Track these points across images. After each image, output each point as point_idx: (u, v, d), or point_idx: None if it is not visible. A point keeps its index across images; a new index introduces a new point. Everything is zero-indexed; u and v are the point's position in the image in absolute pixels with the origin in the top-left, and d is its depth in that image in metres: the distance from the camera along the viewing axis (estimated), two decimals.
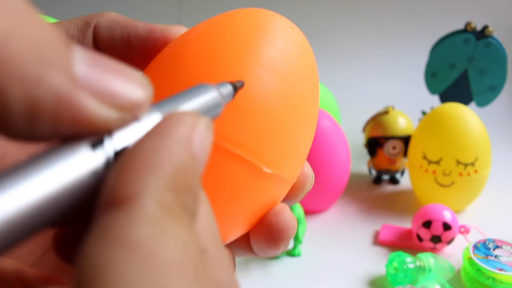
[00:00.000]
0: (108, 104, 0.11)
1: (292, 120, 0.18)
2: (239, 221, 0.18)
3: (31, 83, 0.10)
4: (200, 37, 0.18)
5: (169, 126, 0.12)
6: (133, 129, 0.12)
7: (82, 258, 0.10)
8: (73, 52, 0.11)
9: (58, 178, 0.10)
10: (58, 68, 0.10)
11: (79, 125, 0.11)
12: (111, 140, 0.11)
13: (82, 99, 0.11)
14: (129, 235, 0.10)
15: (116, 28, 0.20)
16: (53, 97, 0.10)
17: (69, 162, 0.11)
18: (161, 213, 0.10)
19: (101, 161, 0.11)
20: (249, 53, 0.17)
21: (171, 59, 0.18)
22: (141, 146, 0.11)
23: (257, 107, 0.17)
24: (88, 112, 0.11)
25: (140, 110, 0.12)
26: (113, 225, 0.10)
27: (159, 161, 0.11)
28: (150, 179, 0.10)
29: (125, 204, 0.10)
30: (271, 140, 0.17)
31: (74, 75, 0.10)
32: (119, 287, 0.09)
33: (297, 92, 0.18)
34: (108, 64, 0.11)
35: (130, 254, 0.09)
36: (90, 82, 0.11)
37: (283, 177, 0.18)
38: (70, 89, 0.10)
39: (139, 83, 0.12)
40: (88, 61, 0.11)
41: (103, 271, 0.09)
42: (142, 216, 0.10)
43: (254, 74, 0.17)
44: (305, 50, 0.19)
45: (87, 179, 0.11)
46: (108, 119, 0.11)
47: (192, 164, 0.11)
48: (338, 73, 1.03)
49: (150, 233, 0.10)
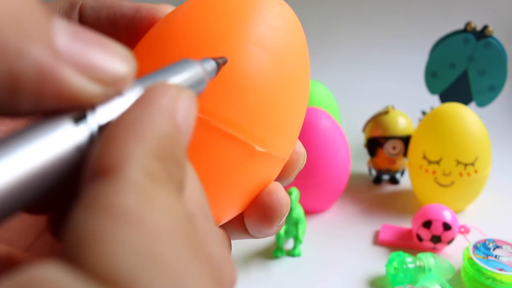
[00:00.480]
0: (91, 78, 0.11)
1: (284, 97, 0.18)
2: (232, 201, 0.18)
3: (11, 56, 0.09)
4: (187, 15, 0.18)
5: (153, 96, 0.11)
6: (117, 103, 0.12)
7: (70, 229, 0.09)
8: (54, 24, 0.10)
9: (41, 153, 0.10)
10: (39, 40, 0.10)
11: (61, 100, 0.10)
12: (94, 115, 0.11)
13: (65, 72, 0.10)
14: (116, 202, 0.10)
15: (102, 8, 0.20)
16: (35, 70, 0.10)
17: (51, 137, 0.10)
18: (147, 180, 0.10)
19: (85, 136, 0.11)
20: (238, 30, 0.17)
21: (159, 38, 0.18)
22: (125, 116, 0.11)
23: (248, 84, 0.17)
24: (71, 86, 0.10)
25: (123, 84, 0.11)
26: (100, 194, 0.10)
27: (142, 129, 0.11)
28: (135, 147, 0.10)
29: (110, 173, 0.10)
30: (262, 118, 0.17)
31: (55, 47, 0.10)
32: (108, 253, 0.09)
33: (287, 68, 0.18)
34: (90, 37, 0.11)
35: (118, 221, 0.09)
36: (73, 55, 0.10)
37: (276, 156, 0.18)
38: (52, 62, 0.10)
39: (122, 57, 0.11)
40: (70, 33, 0.11)
41: (92, 239, 0.09)
42: (128, 184, 0.10)
43: (244, 51, 0.17)
44: (294, 26, 0.19)
45: (70, 154, 0.11)
46: (91, 94, 0.11)
47: (176, 134, 0.11)
48: (338, 73, 1.03)
49: (137, 200, 0.10)
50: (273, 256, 0.52)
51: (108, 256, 0.09)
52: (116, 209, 0.09)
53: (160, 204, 0.10)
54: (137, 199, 0.10)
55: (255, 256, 0.53)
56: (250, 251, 0.53)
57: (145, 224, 0.09)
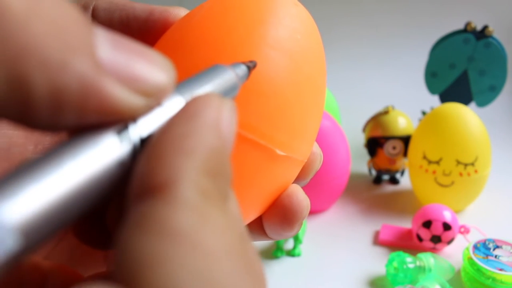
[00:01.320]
0: (134, 90, 0.10)
1: (302, 100, 0.17)
2: (253, 204, 0.18)
3: (55, 70, 0.09)
4: (203, 20, 0.17)
5: (196, 109, 0.11)
6: (157, 114, 0.11)
7: (122, 249, 0.09)
8: (96, 35, 0.10)
9: (84, 169, 0.10)
10: (82, 52, 0.10)
11: (104, 113, 0.10)
12: (136, 128, 0.11)
13: (108, 85, 0.10)
14: (171, 223, 0.09)
15: (115, 10, 0.19)
16: (79, 85, 0.09)
17: (95, 152, 0.10)
18: (201, 199, 0.10)
19: (128, 150, 0.11)
20: (256, 34, 0.17)
21: (176, 44, 0.17)
22: (171, 131, 0.11)
23: (267, 88, 0.16)
24: (114, 99, 0.10)
25: (164, 95, 0.11)
26: (152, 213, 0.09)
27: (191, 145, 0.10)
28: (186, 164, 0.10)
29: (162, 191, 0.10)
30: (282, 122, 0.17)
31: (98, 59, 0.10)
32: (168, 277, 0.09)
33: (305, 70, 0.18)
34: (131, 47, 0.11)
35: (175, 243, 0.09)
36: (115, 67, 0.10)
37: (295, 159, 0.18)
38: (95, 75, 0.10)
39: (162, 66, 0.11)
40: (111, 44, 0.10)
41: (148, 261, 0.09)
42: (182, 203, 0.09)
43: (263, 55, 0.16)
44: (311, 27, 0.18)
45: (114, 169, 0.10)
46: (134, 106, 0.10)
47: (223, 147, 0.11)
48: (338, 73, 1.03)
49: (192, 220, 0.09)
50: (273, 256, 0.52)
51: (166, 279, 0.09)
52: (172, 230, 0.09)
53: (215, 224, 0.10)
54: (193, 219, 0.09)
55: None
56: None
57: (203, 247, 0.09)
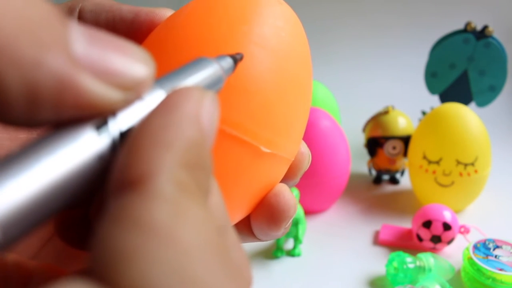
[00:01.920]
0: (111, 84, 0.10)
1: (287, 97, 0.17)
2: (239, 203, 0.18)
3: (29, 67, 0.09)
4: (188, 18, 0.18)
5: (176, 102, 0.11)
6: (137, 108, 0.11)
7: (99, 244, 0.09)
8: (70, 30, 0.10)
9: (62, 163, 0.10)
10: (56, 48, 0.10)
11: (81, 108, 0.10)
12: (115, 122, 0.11)
13: (84, 80, 0.10)
14: (148, 217, 0.09)
15: (101, 12, 0.19)
16: (54, 80, 0.09)
17: (74, 147, 0.10)
18: (178, 192, 0.10)
19: (107, 144, 0.10)
20: (240, 32, 0.17)
21: (161, 43, 0.17)
22: (149, 124, 0.10)
23: (251, 85, 0.16)
24: (91, 94, 0.10)
25: (144, 88, 0.11)
26: (129, 207, 0.09)
27: (170, 138, 0.10)
28: (163, 157, 0.10)
29: (139, 185, 0.10)
30: (267, 119, 0.17)
31: (73, 54, 0.10)
32: (142, 272, 0.09)
33: (290, 68, 0.18)
34: (108, 40, 0.11)
35: (151, 237, 0.09)
36: (91, 61, 0.10)
37: (281, 156, 0.18)
38: (70, 70, 0.10)
39: (141, 59, 0.11)
40: (87, 38, 0.10)
41: (123, 255, 0.09)
42: (159, 196, 0.09)
43: (246, 52, 0.16)
44: (295, 26, 0.19)
45: (93, 163, 0.10)
46: (112, 100, 0.10)
47: (203, 140, 0.11)
48: (338, 73, 1.03)
49: (169, 214, 0.09)
50: (273, 256, 0.52)
51: (141, 274, 0.09)
52: (148, 224, 0.09)
53: (192, 218, 0.10)
54: (168, 213, 0.09)
55: (255, 256, 0.53)
56: (250, 251, 0.53)
57: (179, 241, 0.09)
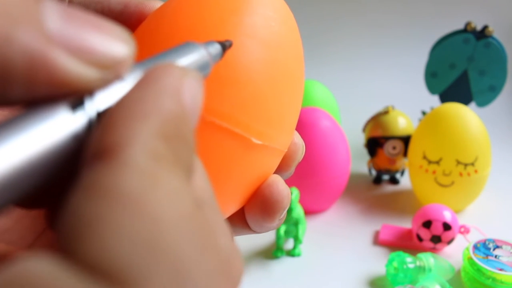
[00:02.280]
0: (87, 62, 0.10)
1: (278, 87, 0.17)
2: (233, 195, 0.18)
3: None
4: (177, 9, 0.17)
5: (156, 76, 0.11)
6: (117, 89, 0.11)
7: (67, 213, 0.09)
8: (43, 6, 0.10)
9: (35, 143, 0.09)
10: (28, 24, 0.09)
11: (55, 86, 0.10)
12: (92, 101, 0.10)
13: (58, 57, 0.09)
14: (116, 186, 0.09)
15: (90, 3, 0.19)
16: (25, 57, 0.09)
17: (47, 125, 0.10)
18: (151, 162, 0.09)
19: (83, 124, 0.10)
20: (229, 22, 0.17)
21: (150, 34, 0.17)
22: (126, 97, 0.10)
23: (241, 76, 0.16)
24: (65, 72, 0.10)
25: (123, 67, 0.11)
26: (99, 177, 0.09)
27: (145, 109, 0.10)
28: (137, 127, 0.10)
29: (111, 155, 0.09)
30: (258, 110, 0.17)
31: (46, 30, 0.09)
32: (104, 241, 0.08)
33: (280, 58, 0.17)
34: (85, 18, 0.10)
35: (116, 205, 0.09)
36: (66, 38, 0.10)
37: (274, 148, 0.18)
38: (43, 46, 0.09)
39: (120, 38, 0.11)
40: (62, 15, 0.10)
41: (89, 224, 0.08)
42: (130, 166, 0.09)
43: (236, 42, 0.16)
44: (286, 16, 0.18)
45: (67, 143, 0.10)
46: (88, 79, 0.10)
47: (182, 113, 0.11)
48: (338, 73, 1.03)
49: (140, 183, 0.09)
50: (273, 256, 0.52)
51: (104, 245, 0.08)
52: (115, 193, 0.09)
53: (166, 187, 0.09)
54: (139, 182, 0.09)
55: (255, 256, 0.53)
56: (250, 251, 0.53)
57: (147, 209, 0.09)
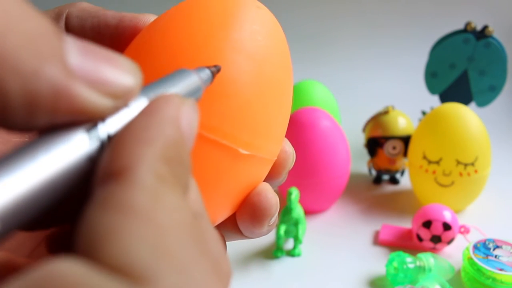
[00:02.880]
0: (102, 92, 0.11)
1: (265, 99, 0.18)
2: (222, 203, 0.19)
3: (29, 77, 0.10)
4: (168, 24, 0.18)
5: (158, 106, 0.12)
6: (123, 114, 0.12)
7: (85, 226, 0.10)
8: (65, 43, 0.11)
9: (56, 162, 0.11)
10: (53, 60, 0.11)
11: (75, 114, 0.11)
12: (104, 126, 0.12)
13: (78, 89, 0.11)
14: (128, 202, 0.10)
15: (87, 17, 0.20)
16: (51, 89, 0.10)
17: (66, 147, 0.11)
18: (156, 182, 0.11)
19: (97, 146, 0.12)
20: (217, 37, 0.17)
21: (144, 47, 0.18)
22: (133, 124, 0.12)
23: (228, 90, 0.17)
24: (84, 102, 0.11)
25: (131, 96, 0.12)
26: (113, 194, 0.10)
27: (150, 135, 0.11)
28: (144, 151, 0.11)
29: (122, 175, 0.11)
30: (244, 122, 0.17)
31: (69, 66, 0.11)
32: (124, 247, 0.10)
33: (267, 71, 0.18)
34: (99, 53, 0.12)
35: (130, 218, 0.10)
36: (85, 72, 0.11)
37: (261, 157, 0.19)
38: (66, 80, 0.11)
39: (130, 70, 0.12)
40: (81, 51, 0.11)
41: (107, 234, 0.10)
42: (139, 184, 0.11)
43: (223, 57, 0.17)
44: (273, 29, 0.19)
45: (83, 163, 0.11)
46: (102, 107, 0.12)
47: (181, 139, 0.12)
48: (338, 73, 1.03)
49: (147, 199, 0.11)
50: (273, 256, 0.52)
51: (123, 249, 0.10)
52: (129, 207, 0.10)
53: (168, 202, 0.11)
54: (147, 198, 0.11)
55: (255, 256, 0.53)
56: (250, 251, 0.54)
57: (155, 221, 0.10)
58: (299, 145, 0.55)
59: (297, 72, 1.06)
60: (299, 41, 1.07)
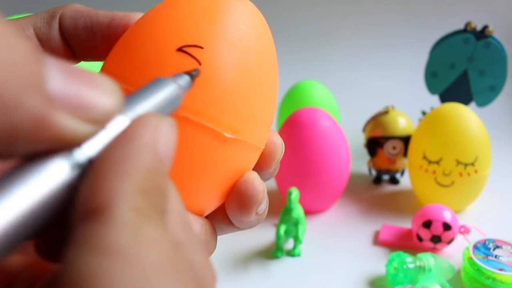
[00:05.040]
0: (82, 119, 0.11)
1: (248, 85, 0.19)
2: (210, 190, 0.19)
3: (8, 109, 0.10)
4: (154, 17, 0.19)
5: (134, 132, 0.12)
6: (101, 136, 0.12)
7: (67, 269, 0.10)
8: (45, 67, 0.11)
9: (36, 191, 0.11)
10: (33, 89, 0.10)
11: (54, 142, 0.11)
12: (81, 151, 0.12)
13: (58, 118, 0.11)
14: (109, 242, 0.10)
15: (80, 17, 0.21)
16: (31, 120, 0.10)
17: (44, 176, 0.11)
18: (136, 217, 0.11)
19: (73, 173, 0.12)
20: (201, 26, 0.18)
21: (128, 41, 0.19)
22: (110, 154, 0.12)
23: (211, 75, 0.18)
24: (64, 130, 0.11)
25: (111, 119, 0.12)
26: (92, 234, 0.11)
27: (127, 168, 0.11)
28: (121, 186, 0.11)
29: (101, 212, 0.11)
30: (228, 106, 0.18)
31: (48, 93, 0.11)
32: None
33: (250, 58, 0.19)
34: (80, 75, 0.12)
35: (112, 259, 0.10)
36: (65, 98, 0.11)
37: (247, 142, 0.19)
38: (46, 109, 0.11)
39: (110, 91, 0.12)
40: (61, 74, 0.11)
41: (90, 278, 0.10)
42: (118, 222, 0.11)
43: (206, 44, 0.18)
44: (256, 19, 0.20)
45: (62, 190, 0.11)
46: (82, 133, 0.11)
47: (159, 165, 0.12)
48: (338, 73, 1.03)
49: (128, 237, 0.11)
50: (273, 256, 0.52)
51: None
52: (110, 248, 0.10)
53: (149, 238, 0.11)
54: (127, 236, 0.11)
55: (255, 256, 0.53)
56: (250, 251, 0.54)
57: (138, 261, 0.10)
58: (299, 145, 0.55)
59: (297, 72, 1.06)
60: (299, 41, 1.07)
